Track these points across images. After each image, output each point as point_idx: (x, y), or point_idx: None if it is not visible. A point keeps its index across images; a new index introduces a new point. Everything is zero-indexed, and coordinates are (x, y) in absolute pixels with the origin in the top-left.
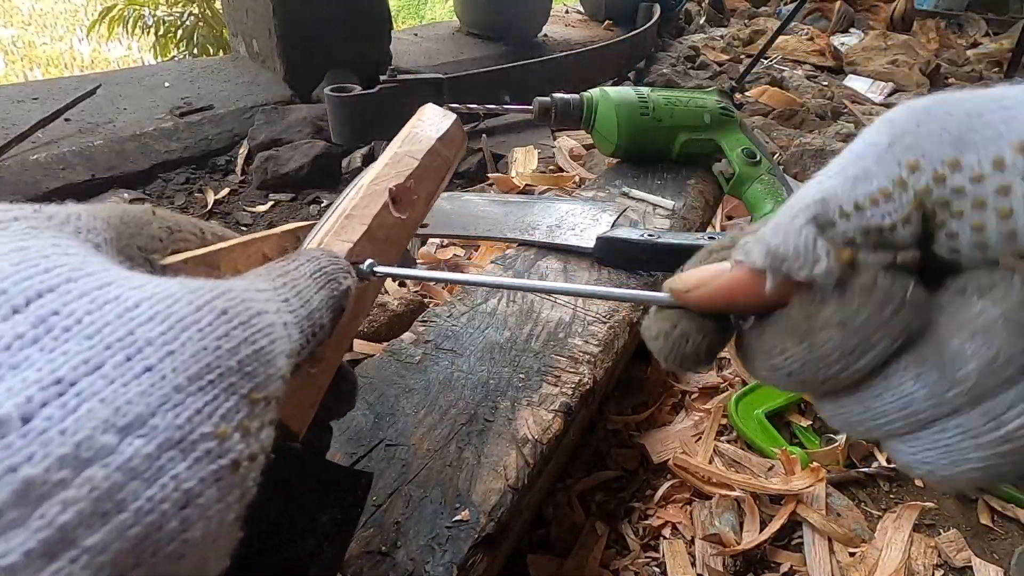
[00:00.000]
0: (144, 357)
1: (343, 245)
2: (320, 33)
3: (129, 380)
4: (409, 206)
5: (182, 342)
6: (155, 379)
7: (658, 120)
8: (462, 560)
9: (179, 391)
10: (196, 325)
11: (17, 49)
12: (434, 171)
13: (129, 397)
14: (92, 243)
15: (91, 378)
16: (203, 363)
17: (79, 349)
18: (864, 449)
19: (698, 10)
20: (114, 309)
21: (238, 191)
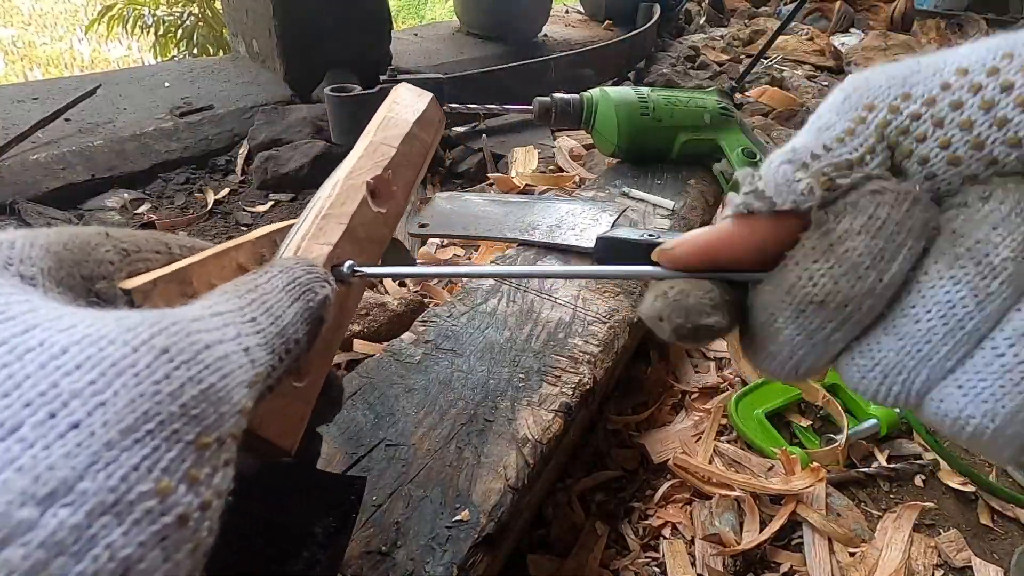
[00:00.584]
0: (69, 412)
1: (323, 248)
2: (320, 33)
3: (52, 441)
4: (389, 198)
5: (115, 391)
6: (82, 437)
7: (658, 120)
8: (462, 560)
9: (110, 447)
10: (132, 369)
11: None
12: (413, 157)
13: (51, 461)
14: (24, 275)
15: (6, 444)
16: (138, 412)
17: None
18: (864, 449)
19: (698, 10)
20: (37, 358)
21: (238, 191)
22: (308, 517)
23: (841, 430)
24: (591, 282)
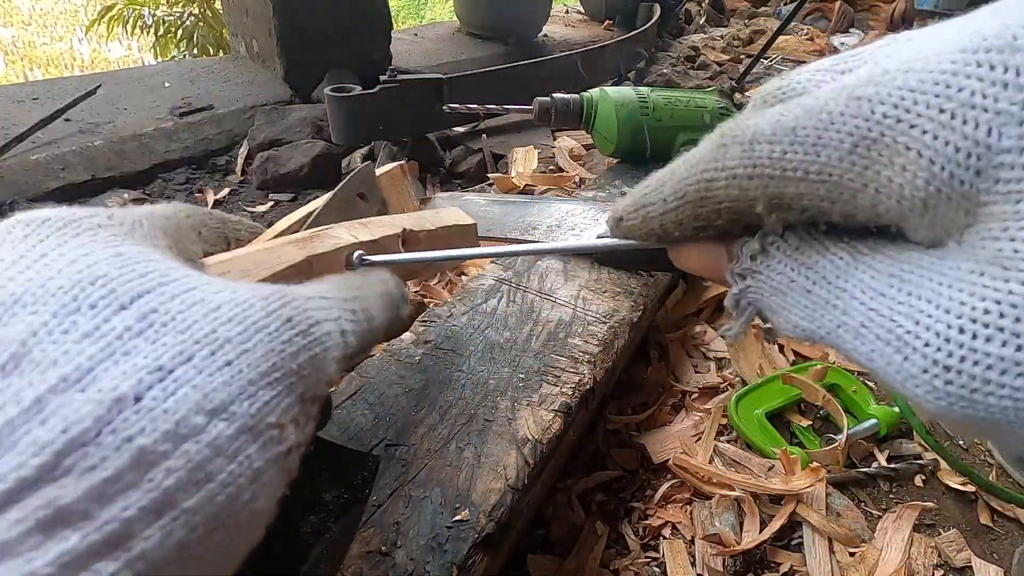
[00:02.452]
0: (225, 353)
1: (350, 238)
2: (320, 33)
3: (214, 371)
4: (416, 245)
5: (254, 343)
6: (234, 372)
7: (658, 120)
8: (462, 560)
9: (252, 384)
10: (266, 329)
11: (17, 49)
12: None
13: (215, 385)
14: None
15: (184, 367)
16: (270, 363)
17: (175, 342)
18: (864, 449)
19: (698, 10)
20: (200, 309)
21: (238, 191)
22: (320, 484)
23: (841, 430)
24: (591, 282)
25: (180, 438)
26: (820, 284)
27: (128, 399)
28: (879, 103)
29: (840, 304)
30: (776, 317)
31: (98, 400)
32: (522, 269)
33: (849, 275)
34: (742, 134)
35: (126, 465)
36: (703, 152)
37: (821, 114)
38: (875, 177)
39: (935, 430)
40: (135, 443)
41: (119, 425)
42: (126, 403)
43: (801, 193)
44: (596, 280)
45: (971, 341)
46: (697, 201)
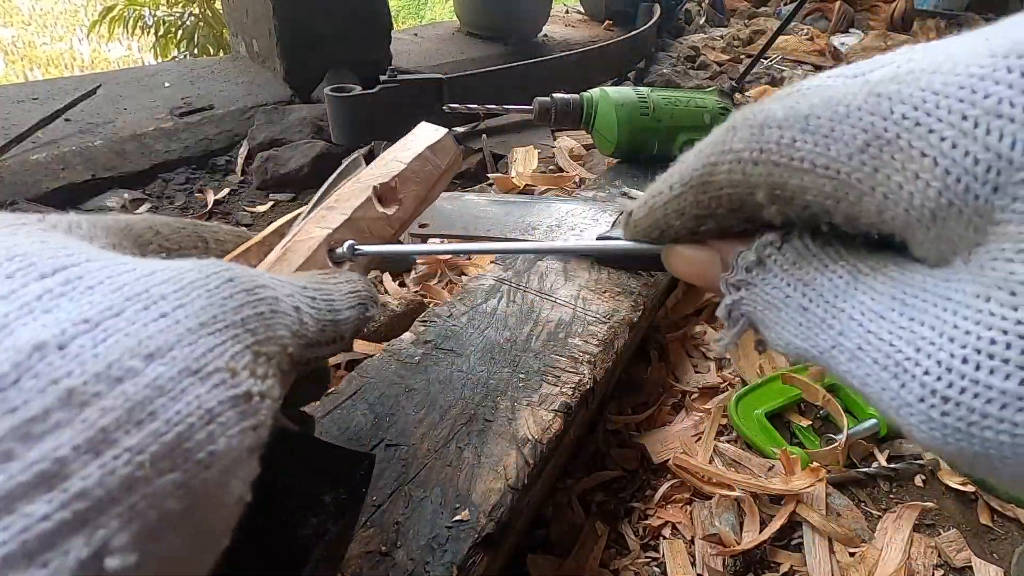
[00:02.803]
0: (159, 308)
1: (321, 232)
2: (320, 33)
3: (148, 322)
4: (393, 203)
5: (191, 299)
6: (170, 323)
7: (658, 120)
8: (462, 560)
9: (191, 332)
10: (204, 287)
11: (17, 49)
12: (423, 175)
13: (149, 333)
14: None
15: (114, 320)
16: (209, 315)
17: (101, 300)
18: (864, 449)
19: (698, 10)
20: (131, 275)
21: (238, 191)
22: (318, 485)
23: (841, 430)
24: (591, 282)
25: (114, 381)
26: (817, 302)
27: (50, 346)
28: (899, 102)
29: (837, 325)
30: (769, 332)
31: (15, 348)
32: (522, 269)
33: (848, 295)
34: (753, 117)
35: (53, 405)
36: (712, 137)
37: (838, 106)
38: (884, 181)
39: None
40: (62, 384)
41: (42, 369)
42: (47, 350)
43: (805, 187)
44: (596, 280)
45: (973, 372)
46: (700, 186)
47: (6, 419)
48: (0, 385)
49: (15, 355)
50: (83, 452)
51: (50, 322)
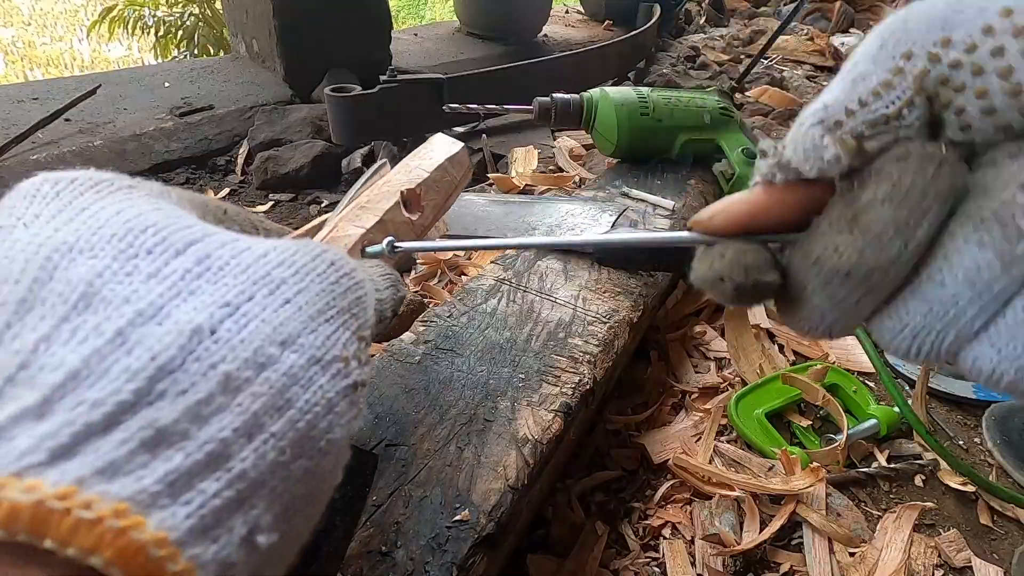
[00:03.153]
0: (283, 292)
1: (356, 229)
2: (320, 33)
3: (276, 308)
4: (418, 210)
5: (307, 283)
6: (294, 309)
7: (658, 120)
8: (462, 560)
9: (313, 320)
10: (315, 271)
11: (17, 49)
12: (442, 185)
13: (280, 320)
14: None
15: (249, 304)
16: (324, 301)
17: (235, 283)
18: (864, 449)
19: (698, 10)
20: (249, 256)
21: (238, 191)
22: None
23: (841, 430)
24: (591, 282)
25: (259, 366)
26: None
27: (204, 330)
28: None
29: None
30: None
31: (177, 331)
32: (522, 269)
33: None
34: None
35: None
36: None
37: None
38: None
39: (935, 430)
40: (220, 369)
41: (202, 353)
42: (203, 334)
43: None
44: (596, 280)
45: None
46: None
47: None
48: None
49: (178, 338)
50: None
51: (199, 305)
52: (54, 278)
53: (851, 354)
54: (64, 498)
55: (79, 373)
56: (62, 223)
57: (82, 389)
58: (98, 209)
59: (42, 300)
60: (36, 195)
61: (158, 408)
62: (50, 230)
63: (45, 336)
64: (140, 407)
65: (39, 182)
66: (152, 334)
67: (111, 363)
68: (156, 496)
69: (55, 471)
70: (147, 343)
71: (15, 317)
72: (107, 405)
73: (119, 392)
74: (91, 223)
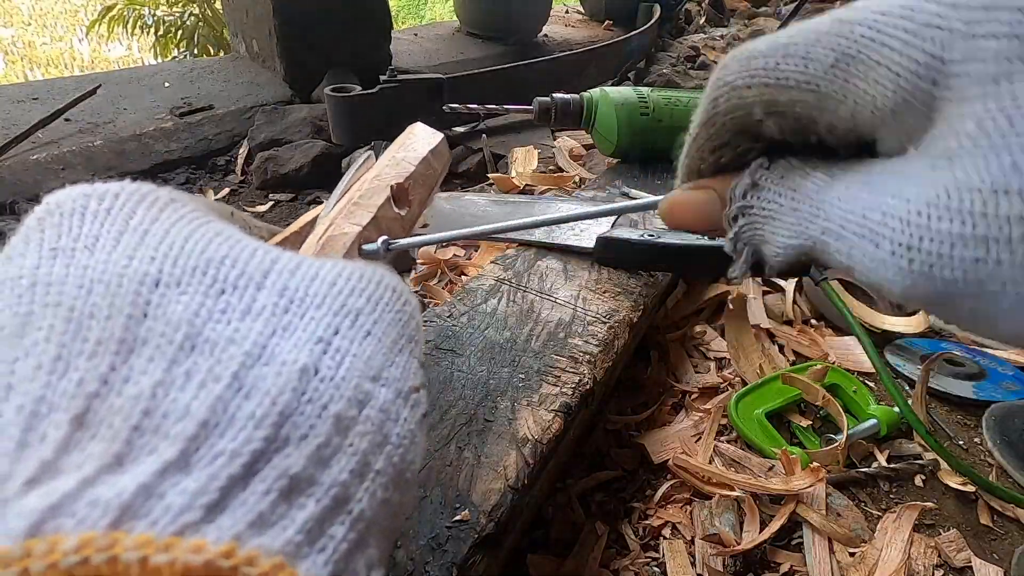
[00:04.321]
0: (362, 324)
1: (353, 228)
2: (320, 33)
3: (361, 341)
4: (406, 205)
5: (380, 313)
6: (375, 342)
7: (658, 120)
8: (462, 560)
9: (391, 351)
10: (383, 300)
11: (17, 49)
12: (427, 179)
13: (368, 354)
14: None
15: (337, 339)
16: (396, 330)
17: (319, 315)
18: (864, 449)
19: (698, 10)
20: (320, 285)
21: (238, 191)
22: None
23: (841, 430)
24: (591, 282)
25: (360, 403)
26: (804, 201)
27: (310, 370)
28: (857, 24)
29: (821, 214)
30: (768, 246)
31: (288, 372)
32: (522, 269)
33: (828, 190)
34: (739, 53)
35: (331, 431)
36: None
37: (810, 33)
38: (853, 90)
39: (935, 430)
40: (331, 410)
41: (313, 395)
42: (310, 374)
43: (793, 100)
44: (596, 280)
45: (927, 222)
46: (708, 121)
47: (303, 445)
48: (289, 410)
49: (290, 380)
50: (355, 476)
51: (298, 342)
52: (149, 315)
53: (851, 354)
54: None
55: (208, 422)
56: (131, 248)
57: (215, 439)
58: (162, 233)
59: (143, 340)
60: (85, 213)
61: (287, 455)
62: (123, 257)
63: (160, 381)
64: (271, 454)
65: (81, 197)
66: (265, 377)
67: (235, 410)
68: (299, 546)
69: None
70: (263, 387)
71: (119, 359)
72: (244, 455)
73: (251, 440)
74: (164, 250)
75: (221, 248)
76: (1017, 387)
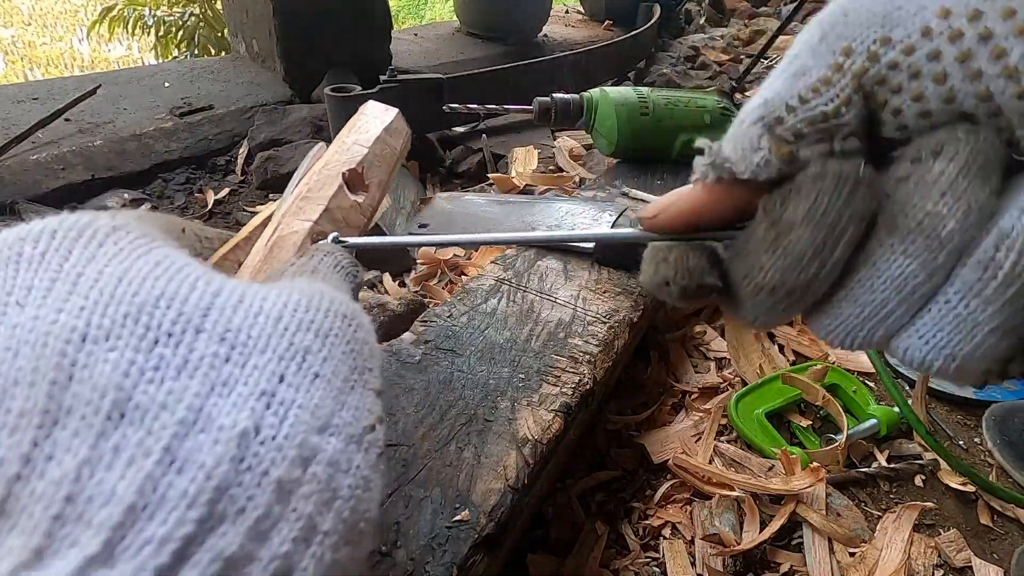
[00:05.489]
0: (310, 365)
1: (303, 224)
2: (320, 33)
3: (308, 386)
4: (363, 190)
5: (329, 349)
6: (324, 384)
7: (658, 120)
8: (462, 560)
9: (342, 392)
10: (334, 332)
11: (17, 49)
12: (384, 159)
13: (315, 401)
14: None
15: (282, 387)
16: (348, 366)
17: (263, 362)
18: (864, 449)
19: (698, 10)
20: (266, 323)
21: (238, 191)
22: None
23: (841, 430)
24: (591, 282)
25: (305, 461)
26: None
27: (250, 432)
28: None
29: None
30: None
31: (226, 440)
32: (522, 269)
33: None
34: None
35: (271, 499)
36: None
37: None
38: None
39: (935, 430)
40: (272, 475)
41: (252, 461)
42: (249, 437)
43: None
44: (596, 280)
45: None
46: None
47: (240, 520)
48: (226, 484)
49: (228, 448)
50: (299, 543)
51: (238, 400)
52: (74, 378)
53: (851, 354)
54: None
55: (136, 505)
56: (61, 299)
57: (142, 523)
58: (95, 275)
59: (68, 410)
60: (20, 260)
61: (222, 534)
62: (51, 311)
63: (86, 459)
64: (204, 535)
65: (16, 241)
66: (200, 447)
67: (166, 488)
68: None
69: None
70: (197, 459)
71: (41, 433)
72: (174, 541)
73: (183, 523)
74: (95, 297)
75: (157, 286)
76: (1017, 387)
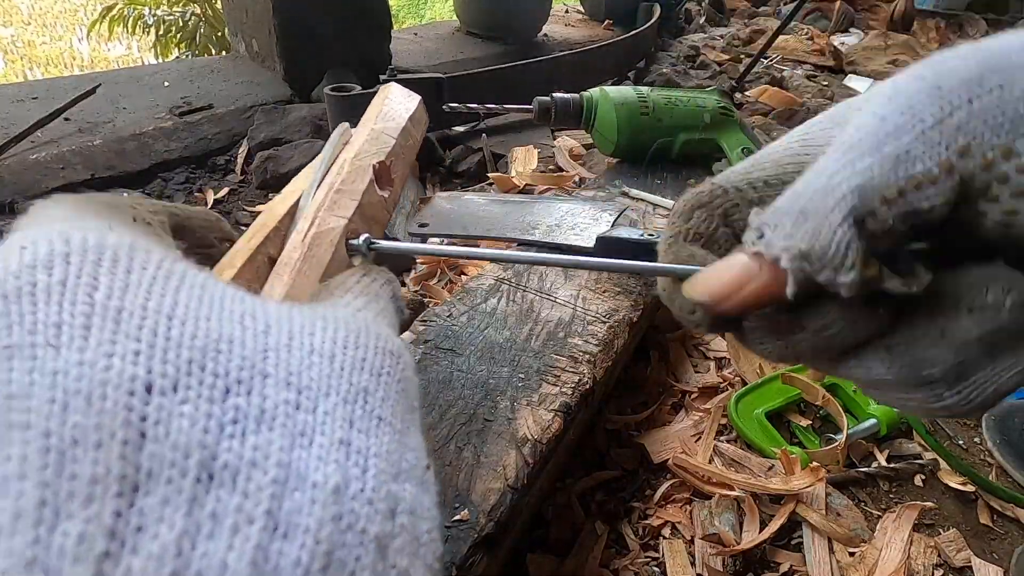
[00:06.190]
0: (371, 407)
1: (339, 221)
2: (320, 33)
3: (375, 431)
4: (389, 184)
5: (383, 388)
6: (387, 428)
7: (658, 120)
8: (461, 560)
9: (403, 435)
10: (385, 370)
11: (17, 49)
12: (407, 150)
13: (386, 447)
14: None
15: (356, 435)
16: (401, 405)
17: (331, 407)
18: (864, 449)
19: (698, 10)
20: (322, 362)
21: (238, 191)
22: None
23: (841, 430)
24: (591, 282)
25: (392, 513)
26: None
27: (341, 488)
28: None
29: None
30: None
31: (323, 501)
32: (522, 269)
33: None
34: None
35: (375, 558)
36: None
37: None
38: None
39: (935, 430)
40: (371, 533)
41: (351, 519)
42: (341, 493)
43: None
44: (596, 280)
45: None
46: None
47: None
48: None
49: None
50: None
51: (321, 453)
52: (148, 436)
53: None
54: None
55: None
56: (107, 340)
57: None
58: (140, 312)
59: (148, 473)
60: (36, 291)
61: None
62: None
63: (184, 530)
64: None
65: (24, 270)
66: (300, 509)
67: (277, 558)
68: None
69: None
70: (300, 522)
71: (123, 502)
72: None
73: None
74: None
75: (212, 326)
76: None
